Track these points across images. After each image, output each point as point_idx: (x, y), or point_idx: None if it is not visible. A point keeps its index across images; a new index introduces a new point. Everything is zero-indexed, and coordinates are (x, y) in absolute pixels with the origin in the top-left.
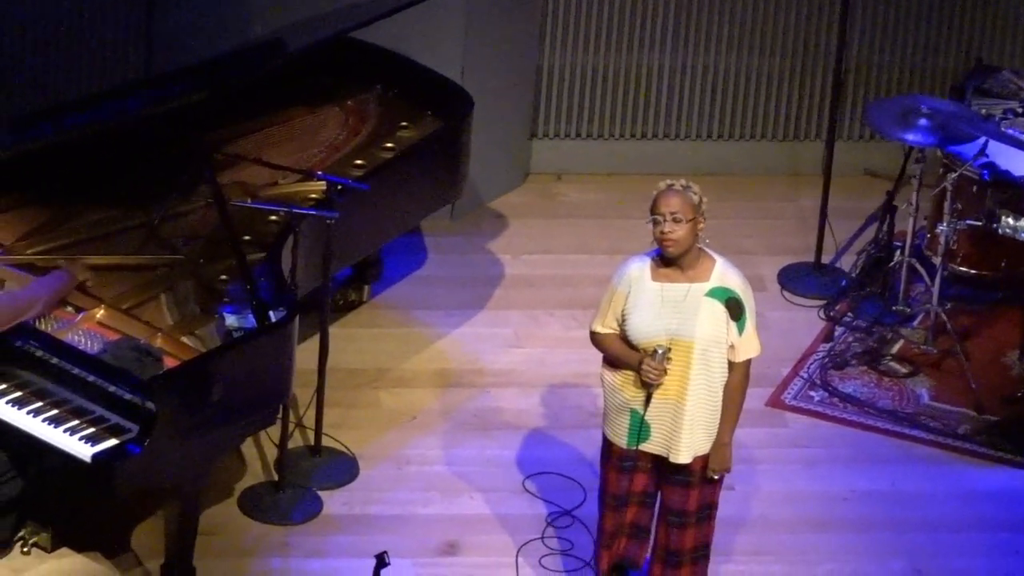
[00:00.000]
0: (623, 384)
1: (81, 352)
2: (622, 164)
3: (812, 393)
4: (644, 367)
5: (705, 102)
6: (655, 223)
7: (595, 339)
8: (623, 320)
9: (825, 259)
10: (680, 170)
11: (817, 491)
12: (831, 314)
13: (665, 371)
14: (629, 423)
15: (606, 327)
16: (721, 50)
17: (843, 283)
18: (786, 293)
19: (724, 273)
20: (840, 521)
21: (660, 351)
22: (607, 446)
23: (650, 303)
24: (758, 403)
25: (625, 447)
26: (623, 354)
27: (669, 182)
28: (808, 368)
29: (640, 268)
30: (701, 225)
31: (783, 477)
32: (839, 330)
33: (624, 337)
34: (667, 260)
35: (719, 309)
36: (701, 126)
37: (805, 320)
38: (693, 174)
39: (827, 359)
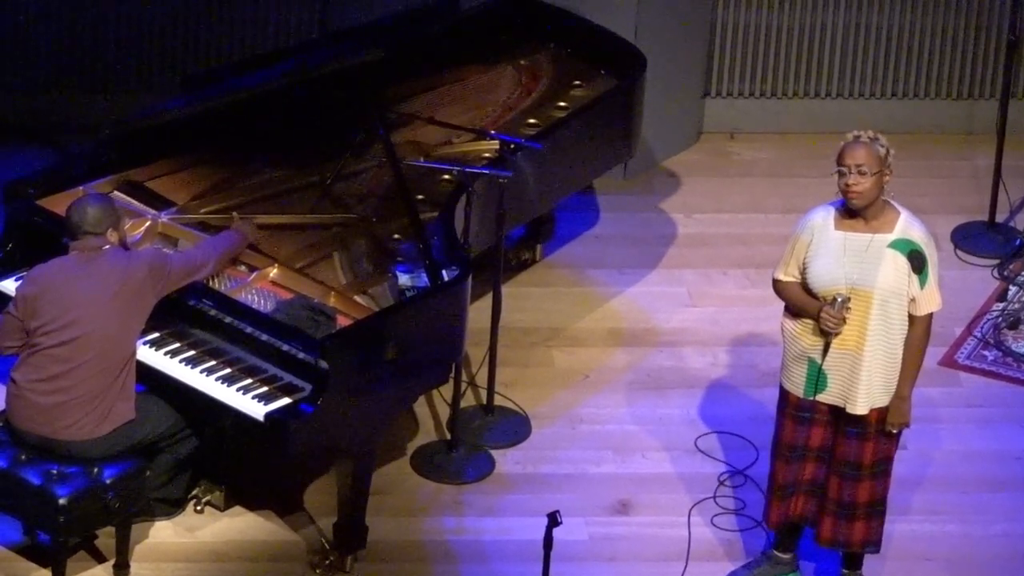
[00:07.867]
0: (802, 332)
1: (254, 311)
2: (795, 123)
3: (985, 352)
4: (823, 315)
5: (879, 60)
6: (840, 175)
7: (777, 287)
8: (804, 267)
9: (999, 218)
10: (853, 129)
11: (991, 451)
12: (1005, 273)
13: (844, 320)
14: (807, 372)
15: (788, 275)
16: (895, 7)
17: (1017, 242)
18: (960, 252)
19: (908, 225)
20: (1015, 481)
21: (839, 299)
22: (784, 396)
23: (832, 251)
24: (931, 362)
25: (802, 396)
26: (803, 302)
27: (856, 133)
28: (981, 327)
29: (824, 217)
30: (887, 178)
31: (957, 436)
32: (1013, 289)
33: (805, 285)
34: (851, 211)
35: (901, 261)
36: (875, 84)
37: (978, 279)
38: None
39: (1001, 318)
